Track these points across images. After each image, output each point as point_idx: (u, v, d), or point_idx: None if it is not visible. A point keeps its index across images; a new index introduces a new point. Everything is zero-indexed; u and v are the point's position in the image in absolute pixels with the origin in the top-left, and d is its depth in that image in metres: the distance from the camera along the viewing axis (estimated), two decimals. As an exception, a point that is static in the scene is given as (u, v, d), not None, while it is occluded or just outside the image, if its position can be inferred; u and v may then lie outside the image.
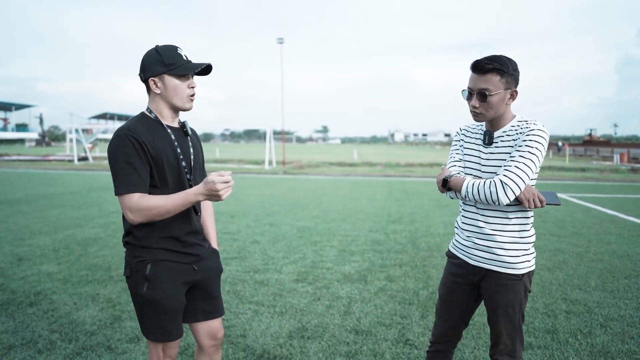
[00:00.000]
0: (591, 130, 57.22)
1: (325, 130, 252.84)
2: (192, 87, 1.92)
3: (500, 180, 1.86)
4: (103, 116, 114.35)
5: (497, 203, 1.88)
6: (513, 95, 1.96)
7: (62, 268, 5.05)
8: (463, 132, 2.18)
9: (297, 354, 3.13)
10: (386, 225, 7.76)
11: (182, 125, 2.01)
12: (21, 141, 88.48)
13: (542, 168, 22.70)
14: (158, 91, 1.89)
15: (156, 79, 1.87)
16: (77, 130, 30.75)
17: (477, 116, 1.98)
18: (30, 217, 8.31)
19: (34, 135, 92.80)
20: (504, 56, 1.92)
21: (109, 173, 19.68)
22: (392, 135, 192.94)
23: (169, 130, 1.92)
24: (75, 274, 4.84)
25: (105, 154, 36.37)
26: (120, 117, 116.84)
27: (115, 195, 1.81)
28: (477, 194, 1.91)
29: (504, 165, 1.91)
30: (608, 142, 51.94)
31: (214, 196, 1.75)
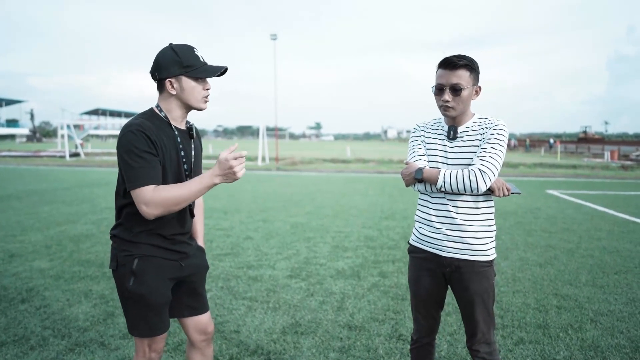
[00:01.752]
0: (586, 127, 57.36)
1: (318, 126, 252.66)
2: (208, 89, 1.92)
3: (479, 169, 1.94)
4: (95, 112, 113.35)
5: (476, 191, 1.95)
6: (477, 91, 2.08)
7: (54, 264, 5.02)
8: (422, 128, 2.23)
9: (290, 350, 3.14)
10: (379, 222, 7.79)
11: (189, 127, 2.01)
12: (12, 137, 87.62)
13: (534, 165, 22.86)
14: (174, 92, 1.87)
15: (173, 80, 1.85)
16: (68, 126, 30.49)
17: (447, 110, 2.05)
18: (21, 213, 8.24)
19: (25, 131, 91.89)
20: (468, 55, 2.04)
21: (101, 169, 19.46)
22: (385, 132, 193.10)
23: (175, 132, 1.92)
24: (68, 270, 4.82)
25: (98, 150, 36.18)
26: (112, 113, 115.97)
27: (129, 190, 1.78)
28: (455, 184, 1.97)
29: (478, 156, 1.99)
30: (602, 140, 51.97)
31: (230, 175, 1.72)
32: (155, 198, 1.74)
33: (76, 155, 28.81)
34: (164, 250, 1.94)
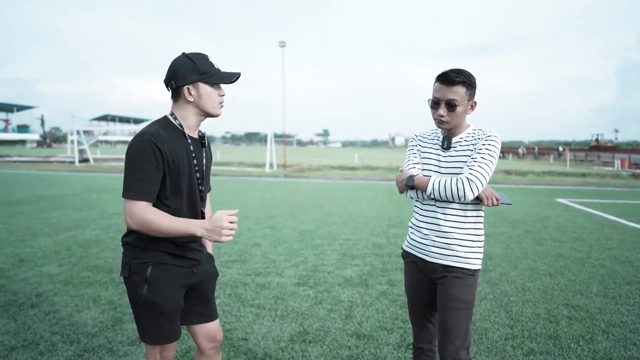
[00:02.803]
0: (598, 135, 56.26)
1: (326, 133, 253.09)
2: (223, 95, 1.96)
3: (467, 178, 1.99)
4: (104, 118, 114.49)
5: (463, 199, 2.00)
6: (473, 106, 2.13)
7: (63, 269, 5.04)
8: (419, 138, 2.32)
9: (298, 358, 3.12)
10: (387, 229, 7.76)
11: (202, 136, 2.02)
12: (22, 142, 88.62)
13: (543, 173, 22.71)
14: (191, 99, 1.89)
15: (190, 87, 1.88)
16: (78, 132, 30.78)
17: (442, 124, 2.12)
18: (31, 218, 8.31)
19: (35, 136, 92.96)
20: (467, 70, 2.08)
21: (110, 175, 19.67)
22: (393, 139, 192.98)
23: (189, 141, 1.93)
24: (77, 275, 4.84)
25: (107, 156, 36.48)
26: (121, 119, 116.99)
27: (122, 197, 1.81)
28: (443, 191, 2.03)
29: (468, 165, 2.04)
30: (615, 148, 50.42)
31: (215, 233, 1.75)
32: (140, 216, 1.77)
33: (85, 161, 29.05)
34: (177, 258, 1.95)
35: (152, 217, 1.77)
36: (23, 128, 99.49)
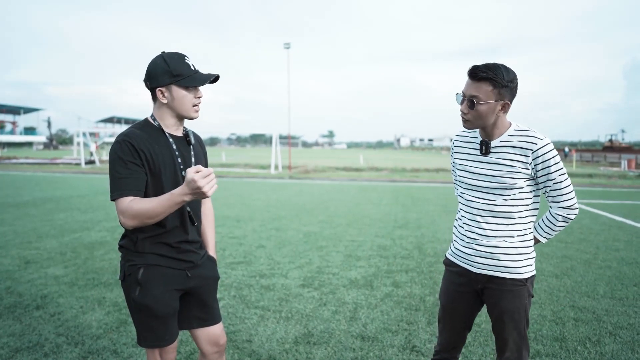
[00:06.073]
0: (612, 135, 55.03)
1: (331, 134, 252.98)
2: (199, 97, 1.90)
3: (566, 207, 2.01)
4: (110, 120, 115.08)
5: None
6: (505, 107, 1.92)
7: (68, 271, 5.06)
8: (456, 142, 2.18)
9: (303, 360, 3.11)
10: (392, 231, 7.74)
11: (186, 134, 1.99)
12: (29, 144, 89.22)
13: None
14: (165, 101, 1.87)
15: (163, 89, 1.86)
16: (84, 134, 30.95)
17: (465, 122, 1.98)
18: (37, 220, 8.35)
19: (42, 138, 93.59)
20: (503, 66, 1.88)
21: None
22: (398, 141, 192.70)
23: (170, 140, 1.91)
24: (82, 277, 4.85)
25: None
26: (127, 121, 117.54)
27: (111, 200, 1.80)
28: (559, 232, 2.21)
29: (554, 190, 1.98)
30: (630, 148, 48.85)
31: (199, 194, 1.63)
32: (129, 210, 1.74)
33: (91, 162, 29.20)
34: (170, 260, 1.92)
35: (139, 205, 1.74)
36: (30, 130, 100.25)
